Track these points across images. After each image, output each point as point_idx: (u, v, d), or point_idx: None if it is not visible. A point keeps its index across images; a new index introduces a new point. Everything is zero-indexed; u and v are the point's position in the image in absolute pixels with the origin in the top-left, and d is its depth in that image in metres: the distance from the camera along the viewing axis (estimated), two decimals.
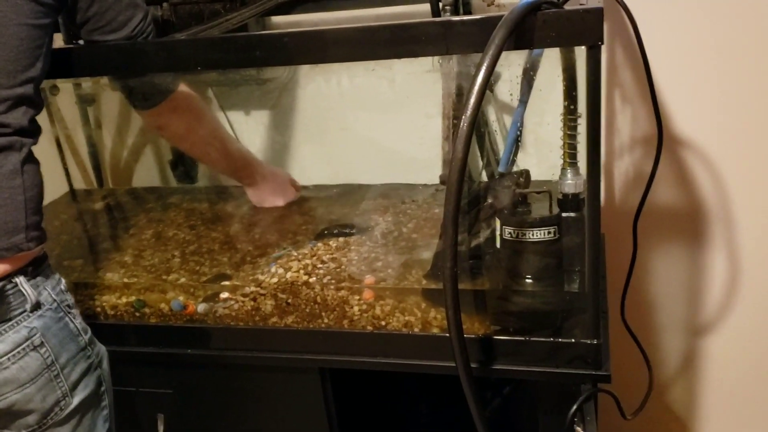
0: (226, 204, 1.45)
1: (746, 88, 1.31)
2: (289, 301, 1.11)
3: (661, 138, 1.09)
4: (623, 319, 1.25)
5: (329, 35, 0.90)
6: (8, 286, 0.87)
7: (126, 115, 1.58)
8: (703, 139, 1.37)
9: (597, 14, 0.82)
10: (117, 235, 1.39)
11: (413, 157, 1.38)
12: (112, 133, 1.61)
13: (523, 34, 0.83)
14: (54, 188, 1.56)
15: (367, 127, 1.44)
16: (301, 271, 1.14)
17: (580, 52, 0.89)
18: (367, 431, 1.30)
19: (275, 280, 1.13)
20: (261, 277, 1.14)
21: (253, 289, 1.13)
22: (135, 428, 1.24)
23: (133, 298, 1.18)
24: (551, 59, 1.00)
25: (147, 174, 1.62)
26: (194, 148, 1.26)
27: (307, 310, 1.11)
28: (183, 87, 1.15)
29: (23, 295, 0.89)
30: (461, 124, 0.80)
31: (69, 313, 0.96)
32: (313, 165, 1.53)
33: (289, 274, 1.13)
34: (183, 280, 1.19)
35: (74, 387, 0.95)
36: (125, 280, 1.21)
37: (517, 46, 0.84)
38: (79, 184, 1.61)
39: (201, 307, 1.15)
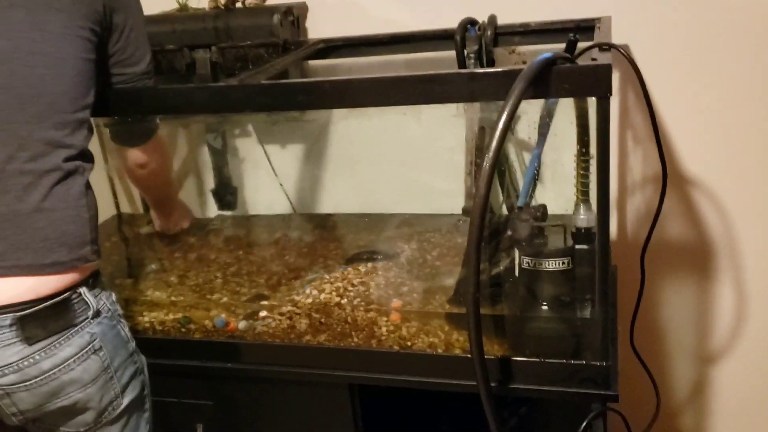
0: (261, 230, 1.56)
1: (751, 128, 1.40)
2: (323, 320, 1.21)
3: (665, 178, 1.19)
4: (632, 345, 1.34)
5: (367, 84, 1.01)
6: (74, 296, 0.98)
7: (170, 147, 1.71)
8: (711, 177, 1.46)
9: (606, 70, 0.92)
10: (162, 257, 1.50)
11: (437, 189, 1.48)
12: None
13: (540, 85, 0.93)
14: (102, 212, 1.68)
15: (394, 161, 1.54)
16: (334, 293, 1.24)
17: (591, 101, 0.99)
18: None
19: (310, 300, 1.23)
20: (297, 298, 1.25)
21: (289, 308, 1.23)
22: None
23: (180, 315, 1.29)
24: (566, 106, 1.11)
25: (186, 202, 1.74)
26: (158, 183, 1.33)
27: (339, 330, 1.21)
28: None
29: (86, 303, 0.99)
30: (484, 164, 0.90)
31: (120, 321, 1.06)
32: (343, 195, 1.63)
33: (322, 296, 1.23)
34: (225, 299, 1.29)
35: (124, 389, 1.05)
36: (172, 298, 1.32)
37: (534, 96, 0.95)
38: (125, 208, 1.73)
39: (242, 325, 1.25)
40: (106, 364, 1.02)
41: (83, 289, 0.99)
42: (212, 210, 1.64)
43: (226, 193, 1.59)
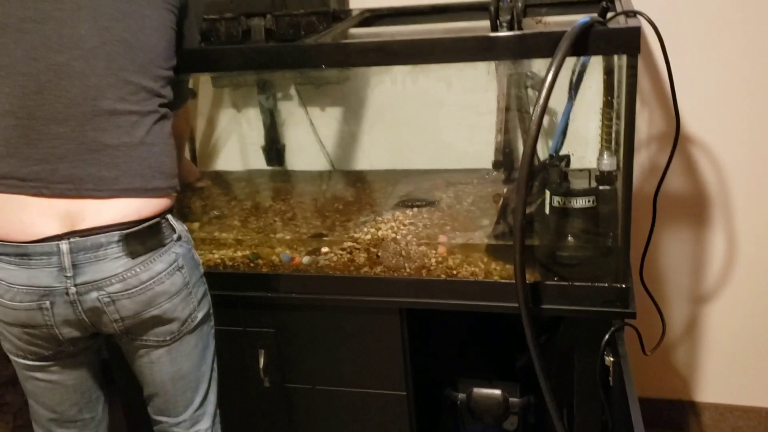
0: (308, 183, 1.73)
1: (746, 93, 1.61)
2: (379, 254, 1.39)
3: (678, 132, 1.38)
4: (641, 279, 1.53)
5: (428, 43, 1.19)
6: (162, 221, 1.14)
7: (216, 110, 1.87)
8: (708, 136, 1.67)
9: (635, 31, 1.11)
10: (220, 206, 1.67)
11: (468, 146, 1.67)
12: (205, 124, 1.89)
13: (580, 44, 1.12)
14: None
15: (428, 121, 1.72)
16: (390, 231, 1.42)
17: (617, 62, 1.18)
18: (430, 367, 1.58)
19: (369, 237, 1.41)
20: (356, 235, 1.42)
21: (350, 244, 1.41)
22: (241, 361, 1.50)
23: (248, 252, 1.46)
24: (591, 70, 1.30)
25: (232, 159, 1.90)
26: (180, 144, 1.45)
27: (393, 262, 1.39)
28: None
29: (172, 228, 1.16)
30: (535, 108, 1.08)
31: (193, 247, 1.23)
32: (378, 153, 1.81)
33: (380, 232, 1.41)
34: (288, 237, 1.47)
35: (199, 304, 1.21)
36: (239, 237, 1.49)
37: (575, 54, 1.13)
38: None
39: (306, 259, 1.42)
40: (187, 281, 1.17)
41: (170, 216, 1.16)
42: (261, 165, 1.81)
43: (275, 150, 1.76)
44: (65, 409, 1.24)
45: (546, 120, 1.63)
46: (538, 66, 1.47)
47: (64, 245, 1.07)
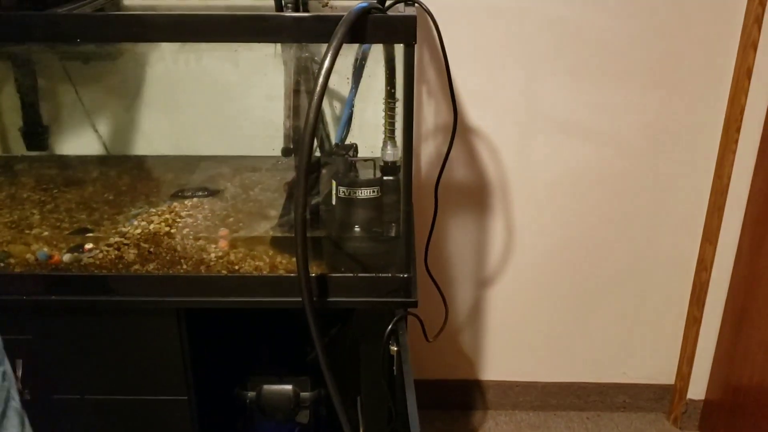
0: (76, 170, 1.55)
1: (521, 85, 1.69)
2: (151, 249, 1.27)
3: (455, 124, 1.41)
4: (426, 267, 1.56)
5: (200, 19, 1.09)
6: None
7: None
8: (485, 127, 1.74)
9: (411, 20, 1.10)
10: None
11: (256, 131, 1.59)
12: None
13: (358, 31, 1.08)
14: None
15: (212, 105, 1.62)
16: (163, 224, 1.30)
17: (397, 50, 1.16)
18: (215, 368, 1.49)
19: (139, 231, 1.28)
20: (125, 229, 1.29)
21: (117, 239, 1.27)
22: None
23: None
24: (373, 58, 1.28)
25: None
26: None
27: (168, 258, 1.28)
28: None
29: None
30: (313, 96, 1.03)
31: None
32: (159, 137, 1.67)
33: (152, 226, 1.29)
34: (46, 233, 1.29)
35: None
36: None
37: (352, 41, 1.09)
38: None
39: (66, 257, 1.27)
40: None
41: None
42: (20, 149, 1.59)
43: (36, 133, 1.55)
44: None
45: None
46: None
47: None
